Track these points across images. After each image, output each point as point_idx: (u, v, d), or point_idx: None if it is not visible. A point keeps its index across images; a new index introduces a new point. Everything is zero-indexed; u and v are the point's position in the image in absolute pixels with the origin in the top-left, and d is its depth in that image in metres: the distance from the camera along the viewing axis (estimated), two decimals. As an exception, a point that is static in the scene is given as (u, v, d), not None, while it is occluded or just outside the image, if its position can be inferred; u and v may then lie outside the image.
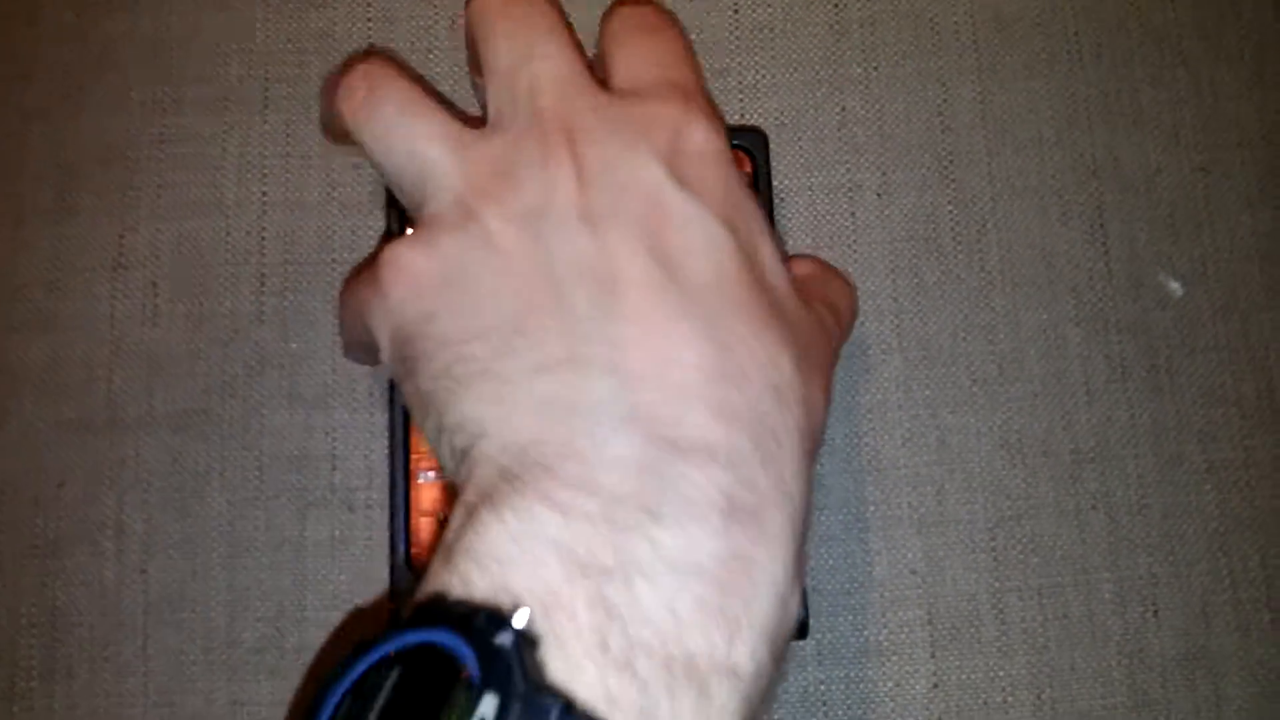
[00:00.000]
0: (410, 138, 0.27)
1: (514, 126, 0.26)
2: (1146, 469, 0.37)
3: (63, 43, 0.39)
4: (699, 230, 0.25)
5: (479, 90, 0.30)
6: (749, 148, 0.35)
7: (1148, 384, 0.37)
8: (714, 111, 0.28)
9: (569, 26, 0.28)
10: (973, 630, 0.36)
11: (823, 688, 0.36)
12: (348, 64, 0.29)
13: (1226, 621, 0.36)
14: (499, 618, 0.21)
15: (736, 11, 0.40)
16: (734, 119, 0.39)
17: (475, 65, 0.30)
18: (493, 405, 0.24)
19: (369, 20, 0.40)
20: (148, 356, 0.37)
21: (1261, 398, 0.37)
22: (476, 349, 0.25)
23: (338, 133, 0.29)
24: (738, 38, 0.39)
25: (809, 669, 0.36)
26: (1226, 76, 0.39)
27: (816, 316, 0.28)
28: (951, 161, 0.39)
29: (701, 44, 0.39)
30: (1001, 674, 0.36)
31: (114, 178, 0.39)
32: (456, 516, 0.24)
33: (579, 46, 0.28)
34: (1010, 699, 0.36)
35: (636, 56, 0.28)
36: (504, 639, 0.21)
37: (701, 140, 0.26)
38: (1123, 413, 0.37)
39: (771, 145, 0.37)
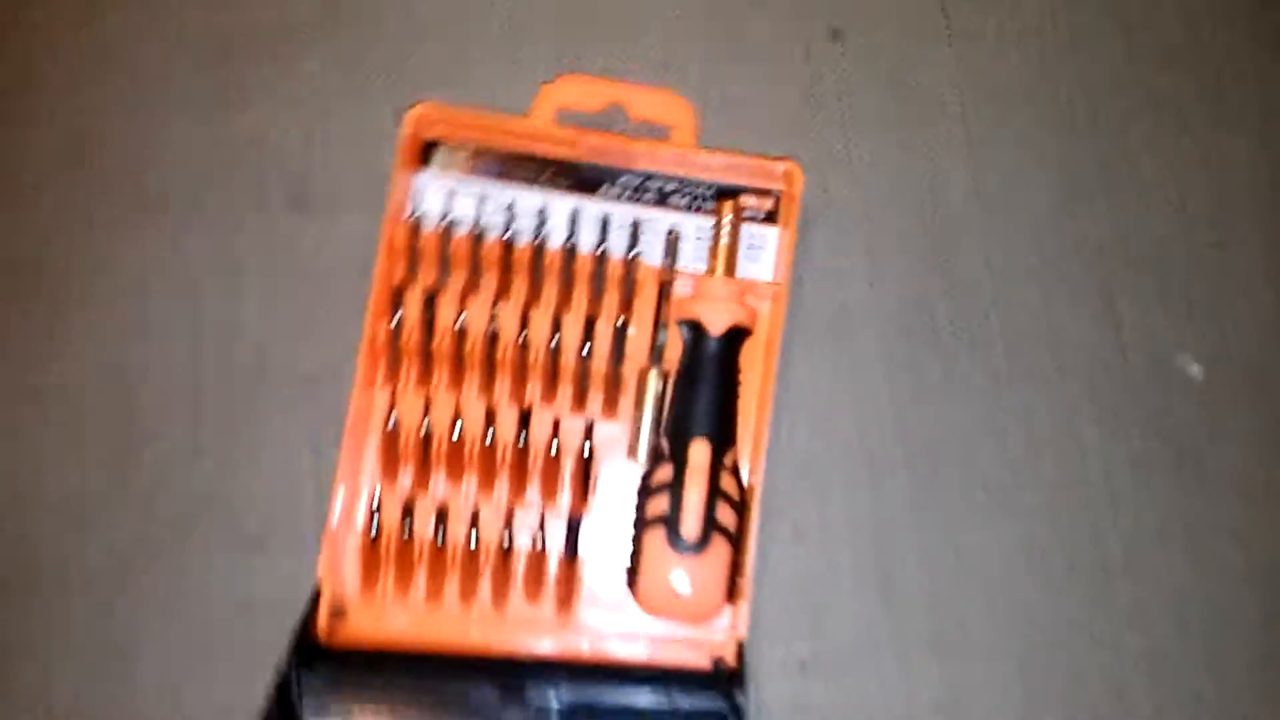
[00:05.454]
0: None
1: None
2: (1183, 580, 0.33)
3: None
4: None
5: None
6: None
7: (1174, 482, 0.34)
8: None
9: None
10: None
11: None
12: None
13: (1281, 745, 0.33)
14: None
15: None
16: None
17: None
18: None
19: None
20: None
21: (1297, 489, 0.34)
22: None
23: None
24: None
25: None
26: (1234, 144, 0.36)
27: None
28: (944, 244, 0.35)
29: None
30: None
31: None
32: None
33: None
34: None
35: None
36: None
37: None
38: (1150, 516, 0.34)
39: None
